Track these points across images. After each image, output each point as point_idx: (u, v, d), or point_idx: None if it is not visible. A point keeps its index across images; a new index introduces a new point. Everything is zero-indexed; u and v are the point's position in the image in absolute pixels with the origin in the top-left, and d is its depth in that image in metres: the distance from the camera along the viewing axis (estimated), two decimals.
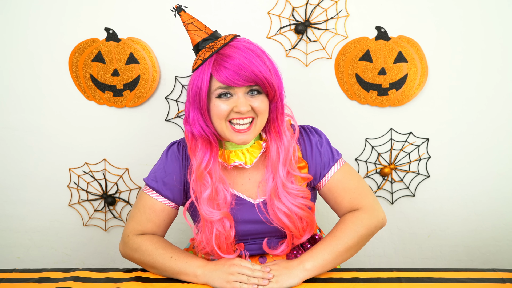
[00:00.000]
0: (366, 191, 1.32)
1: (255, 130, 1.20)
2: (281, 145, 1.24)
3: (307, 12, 1.70)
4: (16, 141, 1.85)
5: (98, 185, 1.89)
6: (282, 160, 1.23)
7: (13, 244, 1.97)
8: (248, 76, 1.12)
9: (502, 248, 1.87)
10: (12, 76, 1.79)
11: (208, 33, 1.21)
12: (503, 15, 1.66)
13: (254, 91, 1.17)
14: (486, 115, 1.75)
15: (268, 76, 1.15)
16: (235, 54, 1.13)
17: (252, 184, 1.30)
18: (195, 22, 1.22)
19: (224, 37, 1.19)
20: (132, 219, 1.33)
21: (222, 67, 1.13)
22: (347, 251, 1.22)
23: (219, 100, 1.17)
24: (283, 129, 1.25)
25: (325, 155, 1.30)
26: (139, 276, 1.24)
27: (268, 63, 1.17)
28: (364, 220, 1.26)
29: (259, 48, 1.18)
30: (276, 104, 1.21)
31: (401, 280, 1.18)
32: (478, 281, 1.18)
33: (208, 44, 1.18)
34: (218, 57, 1.14)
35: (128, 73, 1.75)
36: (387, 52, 1.70)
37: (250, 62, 1.12)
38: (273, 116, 1.23)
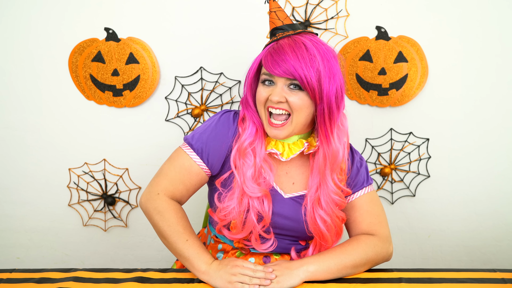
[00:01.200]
0: (385, 222, 1.34)
1: (291, 126, 1.20)
2: (328, 149, 1.22)
3: (307, 12, 1.70)
4: (16, 141, 1.84)
5: (98, 185, 1.89)
6: (329, 166, 1.23)
7: (13, 244, 1.96)
8: (287, 68, 1.14)
9: (502, 248, 1.87)
10: (12, 76, 1.78)
11: (284, 23, 1.23)
12: (502, 15, 1.66)
13: (295, 86, 1.17)
14: (486, 115, 1.75)
15: (309, 76, 1.14)
16: (286, 47, 1.15)
17: (287, 178, 1.30)
18: (278, 12, 1.25)
19: (295, 30, 1.21)
20: (165, 177, 1.28)
21: (269, 55, 1.17)
22: (352, 267, 1.22)
23: (262, 86, 1.21)
24: (332, 135, 1.22)
25: (361, 175, 1.33)
26: (139, 276, 1.24)
27: (320, 64, 1.15)
28: (377, 247, 1.27)
29: (319, 48, 1.17)
30: (323, 108, 1.18)
31: (401, 281, 1.18)
32: (479, 281, 1.18)
33: (279, 33, 1.21)
34: (273, 46, 1.18)
35: (128, 73, 1.75)
36: (387, 52, 1.70)
37: (295, 57, 1.14)
38: (320, 119, 1.20)
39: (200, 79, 1.76)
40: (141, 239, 1.95)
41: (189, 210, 1.59)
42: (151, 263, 1.96)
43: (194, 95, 1.77)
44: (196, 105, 1.79)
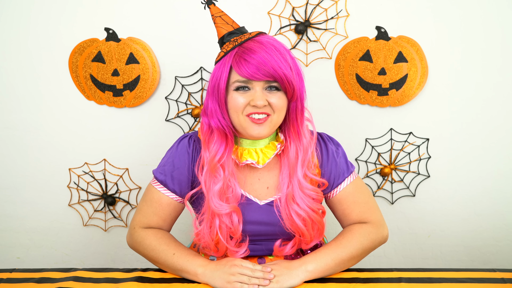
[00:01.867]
0: (374, 207, 1.34)
1: (271, 125, 1.20)
2: (300, 145, 1.23)
3: (307, 12, 1.70)
4: (16, 141, 1.85)
5: (98, 185, 1.89)
6: (300, 160, 1.23)
7: (13, 244, 1.96)
8: (267, 71, 1.13)
9: (502, 248, 1.87)
10: (12, 76, 1.79)
11: (234, 27, 1.22)
12: (503, 15, 1.66)
13: (272, 87, 1.17)
14: (486, 115, 1.75)
15: (288, 74, 1.15)
16: (258, 49, 1.14)
17: (261, 184, 1.29)
18: (223, 16, 1.24)
19: (250, 32, 1.21)
20: (139, 212, 1.33)
21: (242, 59, 1.14)
22: (349, 260, 1.23)
23: (237, 93, 1.18)
24: (303, 130, 1.24)
25: (340, 166, 1.31)
26: (139, 276, 1.24)
27: (291, 61, 1.17)
28: (371, 234, 1.27)
29: (283, 46, 1.18)
30: (295, 104, 1.21)
31: (401, 280, 1.18)
32: (478, 281, 1.18)
33: (233, 37, 1.20)
34: (240, 50, 1.16)
35: (128, 73, 1.75)
36: (387, 52, 1.70)
37: (272, 58, 1.13)
38: (293, 116, 1.22)
39: (200, 79, 1.76)
40: None
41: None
42: (152, 264, 1.96)
43: (194, 95, 1.78)
44: (196, 105, 1.79)
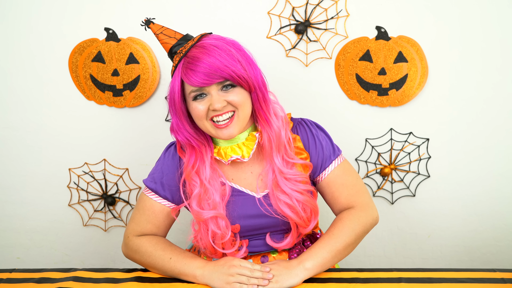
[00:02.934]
0: (362, 189, 1.34)
1: (239, 122, 1.21)
2: (271, 132, 1.24)
3: (307, 12, 1.70)
4: (16, 141, 1.85)
5: (98, 185, 1.89)
6: (274, 147, 1.24)
7: (13, 244, 1.97)
8: (215, 74, 1.13)
9: (502, 248, 1.87)
10: (12, 76, 1.79)
11: (177, 38, 1.22)
12: (502, 15, 1.66)
13: (227, 86, 1.18)
14: (486, 115, 1.75)
15: (237, 70, 1.15)
16: (200, 55, 1.14)
17: (254, 177, 1.30)
18: (165, 31, 1.23)
19: (193, 38, 1.20)
20: (132, 220, 1.34)
21: (189, 70, 1.15)
22: (345, 249, 1.23)
23: (195, 102, 1.19)
24: (271, 117, 1.24)
25: (326, 149, 1.32)
26: (139, 276, 1.24)
27: (238, 55, 1.17)
28: (361, 218, 1.27)
29: (227, 43, 1.18)
30: (256, 94, 1.21)
31: (401, 280, 1.18)
32: (479, 281, 1.18)
33: (179, 48, 1.20)
34: (186, 61, 1.16)
35: (128, 73, 1.75)
36: (387, 52, 1.70)
37: (216, 60, 1.13)
38: (257, 106, 1.23)
39: None
40: None
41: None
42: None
43: None
44: None
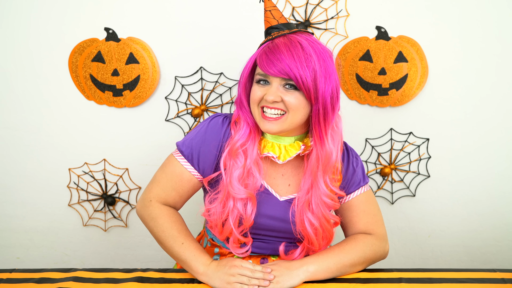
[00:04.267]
0: (381, 221, 1.35)
1: (285, 124, 1.19)
2: (322, 151, 1.21)
3: (307, 12, 1.70)
4: (16, 141, 1.84)
5: (98, 185, 1.89)
6: (321, 167, 1.22)
7: (13, 244, 1.96)
8: (282, 68, 1.13)
9: (502, 248, 1.87)
10: (12, 76, 1.78)
11: (280, 22, 1.22)
12: (502, 15, 1.66)
13: (290, 86, 1.16)
14: (486, 115, 1.75)
15: (304, 75, 1.13)
16: (283, 46, 1.14)
17: (284, 180, 1.29)
18: (273, 11, 1.24)
19: (290, 29, 1.20)
20: (157, 184, 1.30)
21: (265, 54, 1.15)
22: (350, 266, 1.23)
23: (257, 85, 1.19)
24: (326, 136, 1.21)
25: (357, 175, 1.33)
26: (139, 276, 1.24)
27: (317, 64, 1.14)
28: (374, 246, 1.28)
29: (315, 48, 1.16)
30: (318, 108, 1.17)
31: (401, 281, 1.18)
32: (479, 281, 1.18)
33: (274, 32, 1.20)
34: (269, 45, 1.17)
35: (128, 73, 1.75)
36: (387, 52, 1.70)
37: (290, 56, 1.13)
38: (314, 120, 1.20)
39: (200, 79, 1.76)
40: (141, 239, 1.95)
41: (189, 211, 1.60)
42: (151, 263, 1.96)
43: (194, 95, 1.77)
44: (196, 105, 1.79)
